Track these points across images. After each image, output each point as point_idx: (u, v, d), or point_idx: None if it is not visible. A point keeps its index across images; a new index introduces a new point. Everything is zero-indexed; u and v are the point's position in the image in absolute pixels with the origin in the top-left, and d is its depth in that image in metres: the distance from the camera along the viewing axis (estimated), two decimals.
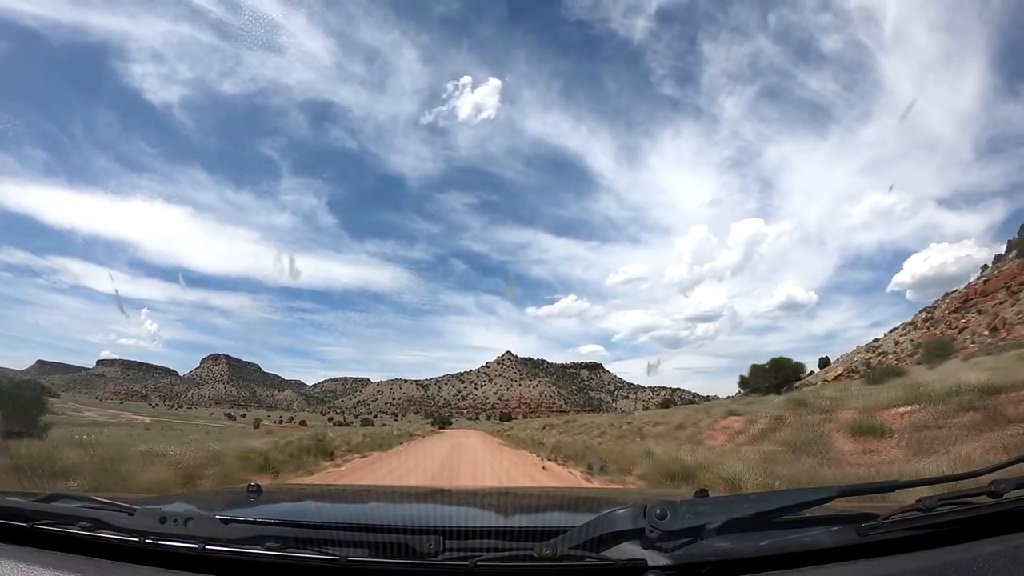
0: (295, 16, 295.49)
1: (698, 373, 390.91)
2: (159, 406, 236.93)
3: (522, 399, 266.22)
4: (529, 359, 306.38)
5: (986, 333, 58.93)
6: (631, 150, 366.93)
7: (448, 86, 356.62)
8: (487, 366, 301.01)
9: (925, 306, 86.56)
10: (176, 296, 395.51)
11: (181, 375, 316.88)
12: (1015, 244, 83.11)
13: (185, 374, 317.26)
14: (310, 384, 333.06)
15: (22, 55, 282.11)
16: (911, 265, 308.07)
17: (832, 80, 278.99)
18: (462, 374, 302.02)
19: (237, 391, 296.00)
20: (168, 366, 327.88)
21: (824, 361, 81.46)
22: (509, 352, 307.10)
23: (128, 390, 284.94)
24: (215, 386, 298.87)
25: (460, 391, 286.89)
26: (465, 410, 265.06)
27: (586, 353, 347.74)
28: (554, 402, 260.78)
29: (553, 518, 1.64)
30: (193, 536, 0.98)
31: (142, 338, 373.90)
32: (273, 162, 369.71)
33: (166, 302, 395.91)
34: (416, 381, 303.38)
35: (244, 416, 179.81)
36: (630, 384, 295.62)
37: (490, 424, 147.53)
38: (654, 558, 0.89)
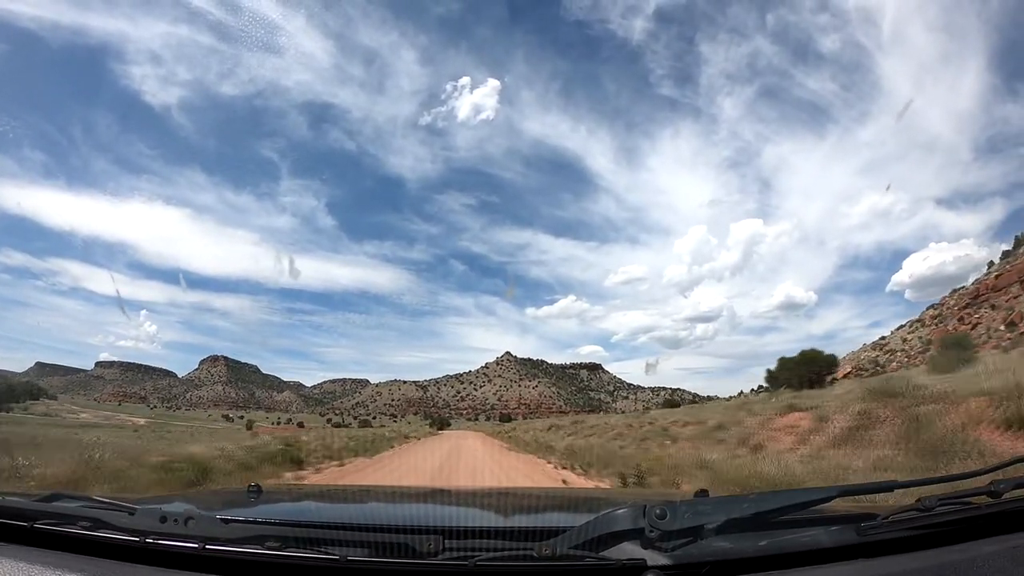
0: (294, 18, 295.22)
1: (697, 373, 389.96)
2: (157, 408, 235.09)
3: (521, 400, 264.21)
4: (528, 360, 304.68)
5: (1002, 328, 57.36)
6: (630, 151, 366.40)
7: (447, 87, 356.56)
8: (486, 367, 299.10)
9: (932, 303, 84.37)
10: (175, 298, 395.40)
11: (180, 377, 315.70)
12: None
13: (184, 376, 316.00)
14: (309, 385, 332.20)
15: (21, 57, 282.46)
16: (910, 265, 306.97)
17: (830, 80, 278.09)
18: (461, 375, 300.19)
19: (236, 393, 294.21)
20: (167, 368, 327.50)
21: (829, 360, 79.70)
22: (508, 353, 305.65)
23: (127, 392, 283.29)
24: (214, 388, 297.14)
25: (459, 392, 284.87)
26: (464, 411, 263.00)
27: (585, 354, 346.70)
28: (554, 403, 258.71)
29: (553, 518, 1.64)
30: (193, 536, 0.98)
31: (141, 340, 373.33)
32: (272, 163, 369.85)
33: (165, 304, 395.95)
34: (415, 382, 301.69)
35: (242, 417, 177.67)
36: (629, 384, 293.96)
37: (490, 425, 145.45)
38: (654, 558, 0.89)
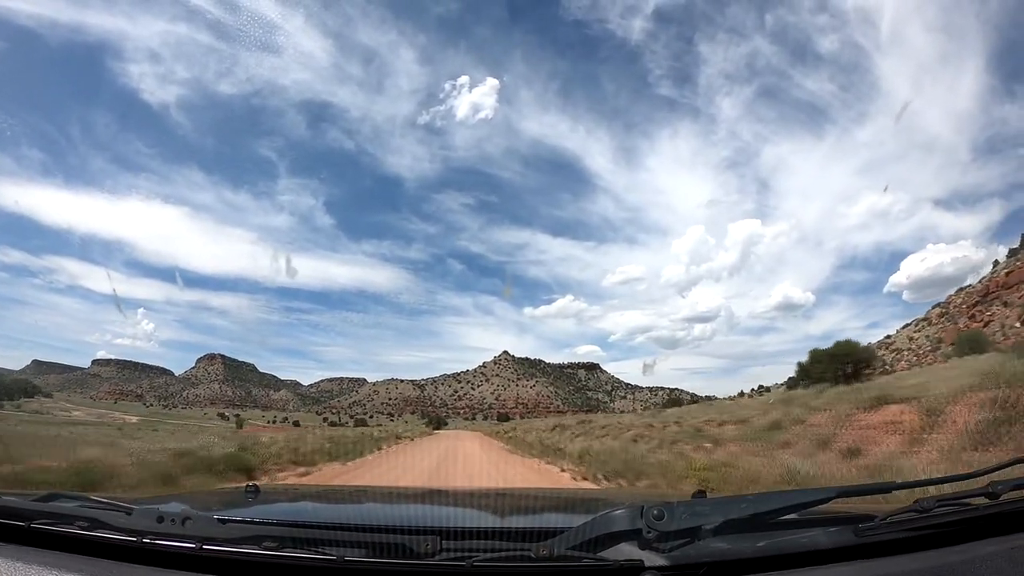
0: (292, 16, 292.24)
1: (695, 373, 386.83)
2: (153, 406, 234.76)
3: (519, 399, 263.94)
4: (526, 359, 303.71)
5: (1018, 324, 56.06)
6: (628, 151, 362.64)
7: (445, 86, 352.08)
8: (484, 366, 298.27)
9: (937, 302, 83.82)
10: (173, 296, 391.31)
11: (176, 375, 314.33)
12: None
13: (180, 374, 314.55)
14: (306, 384, 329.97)
15: (19, 55, 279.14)
16: (908, 266, 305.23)
17: (829, 81, 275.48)
18: (459, 374, 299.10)
19: (232, 391, 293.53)
20: (164, 366, 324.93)
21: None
22: (506, 352, 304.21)
23: (123, 390, 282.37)
24: (210, 386, 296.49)
25: (457, 391, 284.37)
26: (462, 410, 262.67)
27: (583, 353, 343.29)
28: (551, 402, 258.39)
29: (550, 519, 1.63)
30: (191, 536, 0.98)
31: (138, 338, 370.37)
32: (270, 162, 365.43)
33: (163, 302, 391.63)
34: (412, 381, 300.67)
35: (237, 416, 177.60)
36: (627, 384, 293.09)
37: (487, 424, 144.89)
38: (651, 559, 0.89)
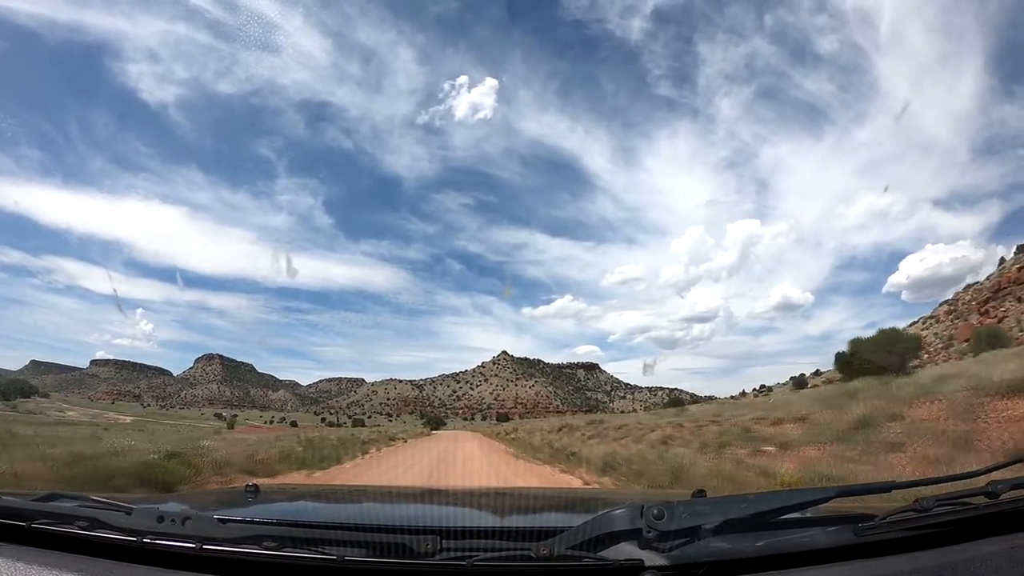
0: (291, 16, 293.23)
1: (694, 374, 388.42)
2: (151, 406, 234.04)
3: (518, 399, 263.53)
4: (525, 359, 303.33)
5: None
6: (627, 151, 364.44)
7: (444, 86, 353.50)
8: (483, 366, 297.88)
9: (945, 299, 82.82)
10: (171, 296, 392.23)
11: (175, 375, 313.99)
12: None
13: (179, 374, 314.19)
14: (305, 384, 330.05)
15: (18, 54, 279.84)
16: (907, 266, 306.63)
17: (828, 81, 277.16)
18: (457, 374, 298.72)
19: (231, 391, 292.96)
20: (163, 366, 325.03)
21: (841, 357, 78.25)
22: (505, 352, 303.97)
23: (121, 390, 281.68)
24: (208, 386, 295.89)
25: (455, 391, 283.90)
26: (460, 410, 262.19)
27: (582, 354, 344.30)
28: (551, 402, 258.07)
29: (550, 518, 1.64)
30: (191, 536, 0.98)
31: (137, 338, 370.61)
32: (269, 162, 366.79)
33: (161, 302, 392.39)
34: (411, 381, 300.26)
35: (235, 416, 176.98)
36: (627, 384, 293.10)
37: (487, 425, 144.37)
38: (651, 558, 0.89)
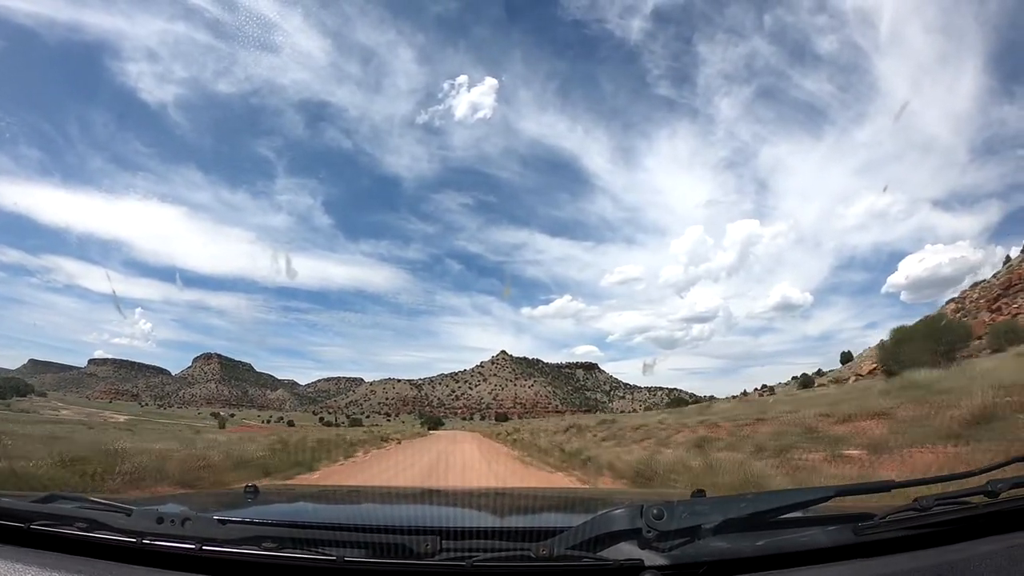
0: (291, 16, 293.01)
1: (693, 374, 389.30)
2: (148, 405, 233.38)
3: (517, 399, 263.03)
4: (524, 359, 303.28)
5: None
6: (627, 151, 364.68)
7: (444, 86, 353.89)
8: (481, 366, 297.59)
9: (952, 297, 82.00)
10: (171, 296, 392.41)
11: (173, 375, 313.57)
12: None
13: (177, 373, 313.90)
14: (303, 384, 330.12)
15: (18, 53, 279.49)
16: (906, 266, 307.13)
17: (827, 81, 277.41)
18: (456, 374, 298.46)
19: (229, 391, 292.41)
20: (161, 366, 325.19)
21: (846, 356, 77.04)
22: (504, 352, 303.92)
23: (119, 389, 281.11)
24: (207, 385, 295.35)
25: (454, 391, 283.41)
26: (459, 410, 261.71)
27: (581, 353, 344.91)
28: (550, 402, 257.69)
29: (550, 518, 1.63)
30: (190, 536, 0.98)
31: (136, 338, 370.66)
32: (268, 162, 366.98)
33: (160, 302, 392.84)
34: (410, 381, 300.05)
35: (233, 416, 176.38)
36: (626, 384, 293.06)
37: (486, 425, 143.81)
38: (651, 558, 0.89)
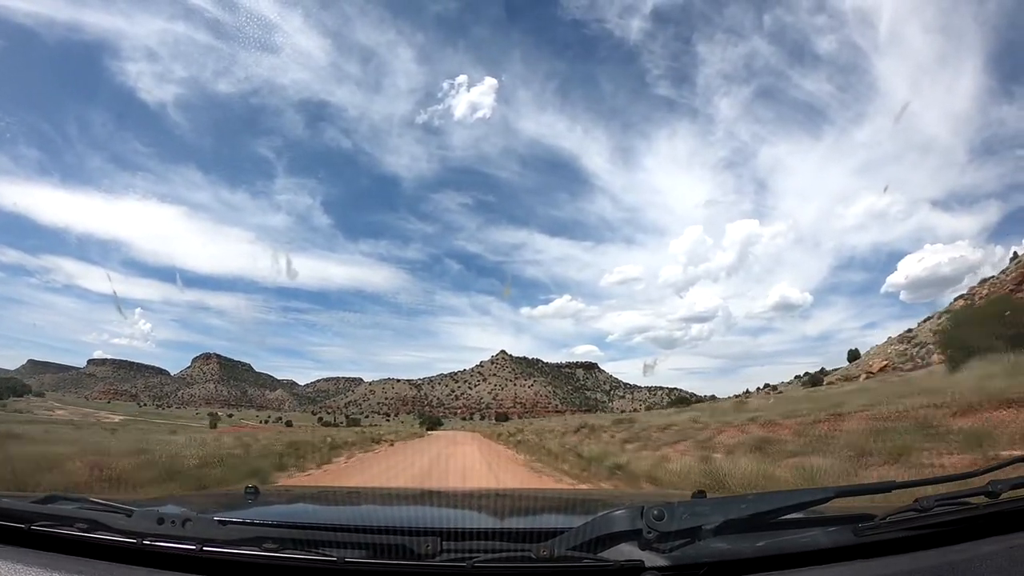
0: (291, 16, 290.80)
1: (692, 373, 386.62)
2: (147, 406, 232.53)
3: (517, 399, 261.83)
4: (524, 358, 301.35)
5: None
6: (626, 151, 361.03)
7: (444, 85, 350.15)
8: (481, 365, 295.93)
9: (960, 294, 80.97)
10: (170, 296, 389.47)
11: (172, 375, 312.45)
12: None
13: (176, 374, 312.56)
14: (303, 384, 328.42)
15: (16, 53, 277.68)
16: (905, 266, 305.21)
17: (827, 81, 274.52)
18: (456, 373, 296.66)
19: (228, 391, 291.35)
20: (160, 366, 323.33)
21: (854, 354, 76.14)
22: (503, 352, 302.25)
23: (118, 390, 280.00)
24: (205, 385, 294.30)
25: (454, 391, 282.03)
26: (459, 410, 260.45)
27: (580, 353, 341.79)
28: (550, 402, 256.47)
29: (551, 519, 1.64)
30: (191, 537, 0.98)
31: (135, 338, 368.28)
32: (268, 162, 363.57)
33: (160, 302, 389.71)
34: (409, 381, 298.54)
35: (231, 416, 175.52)
36: (626, 384, 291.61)
37: (486, 425, 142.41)
38: (651, 559, 0.89)
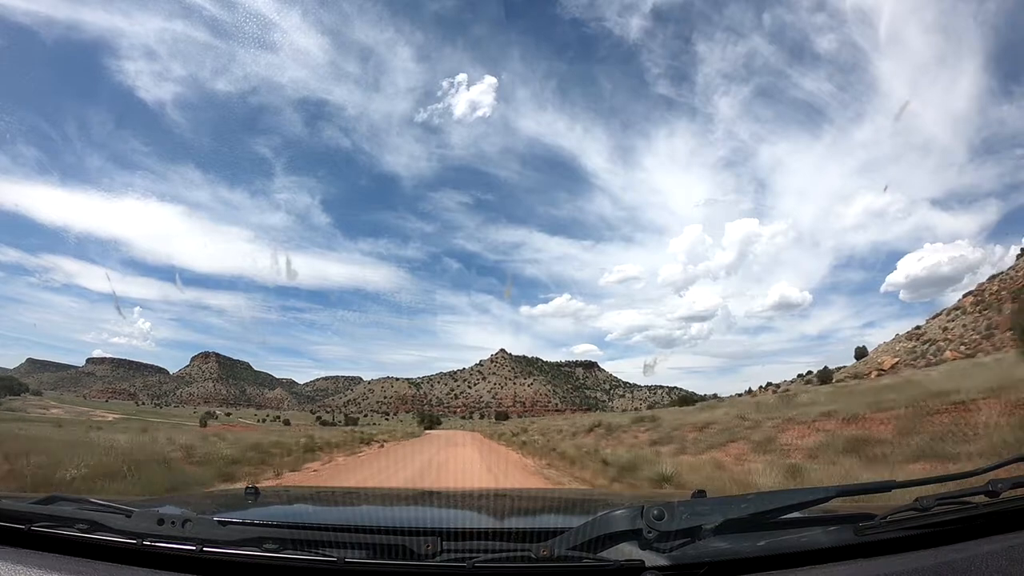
0: (289, 14, 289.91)
1: (692, 372, 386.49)
2: (145, 404, 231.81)
3: (517, 397, 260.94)
4: (523, 357, 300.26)
5: None
6: (625, 150, 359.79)
7: (443, 84, 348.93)
8: (480, 364, 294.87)
9: (969, 291, 79.93)
10: (169, 295, 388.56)
11: (171, 373, 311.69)
12: None
13: (175, 372, 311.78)
14: (301, 383, 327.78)
15: (15, 52, 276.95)
16: (904, 265, 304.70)
17: (826, 80, 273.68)
18: (455, 372, 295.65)
19: (227, 389, 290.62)
20: (159, 365, 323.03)
21: (861, 351, 75.05)
22: (503, 350, 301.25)
23: (116, 389, 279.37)
24: (204, 384, 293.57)
25: (453, 390, 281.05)
26: (458, 409, 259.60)
27: (580, 352, 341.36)
28: (549, 400, 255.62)
29: (551, 519, 1.64)
30: (191, 538, 0.98)
31: (135, 337, 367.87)
32: (267, 161, 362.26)
33: (159, 301, 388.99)
34: (408, 380, 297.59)
35: (228, 415, 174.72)
36: (626, 383, 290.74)
37: (486, 424, 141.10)
38: (652, 559, 0.89)
